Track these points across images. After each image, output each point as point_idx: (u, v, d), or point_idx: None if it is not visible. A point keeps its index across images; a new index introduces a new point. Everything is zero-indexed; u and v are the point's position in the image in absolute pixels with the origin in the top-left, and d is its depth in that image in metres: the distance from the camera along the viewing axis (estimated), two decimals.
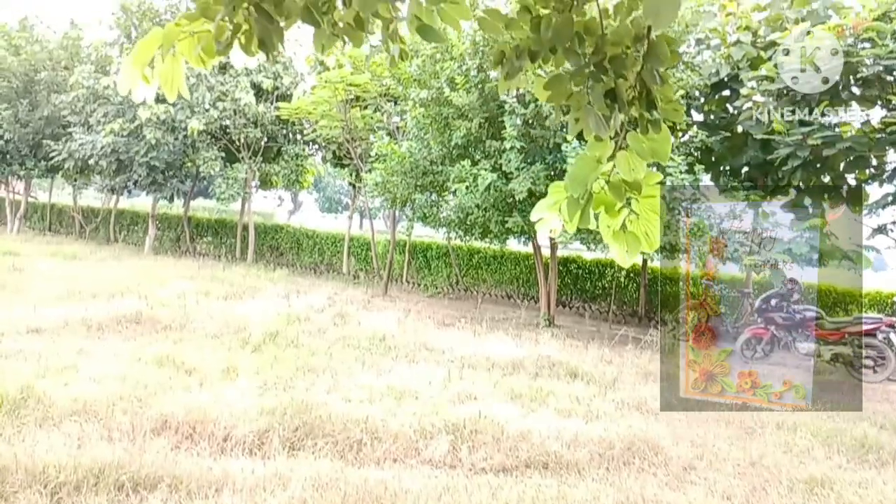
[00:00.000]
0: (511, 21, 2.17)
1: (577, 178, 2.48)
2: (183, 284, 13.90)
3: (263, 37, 2.21)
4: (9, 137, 24.09)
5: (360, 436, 5.50)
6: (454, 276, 18.32)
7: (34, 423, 5.34)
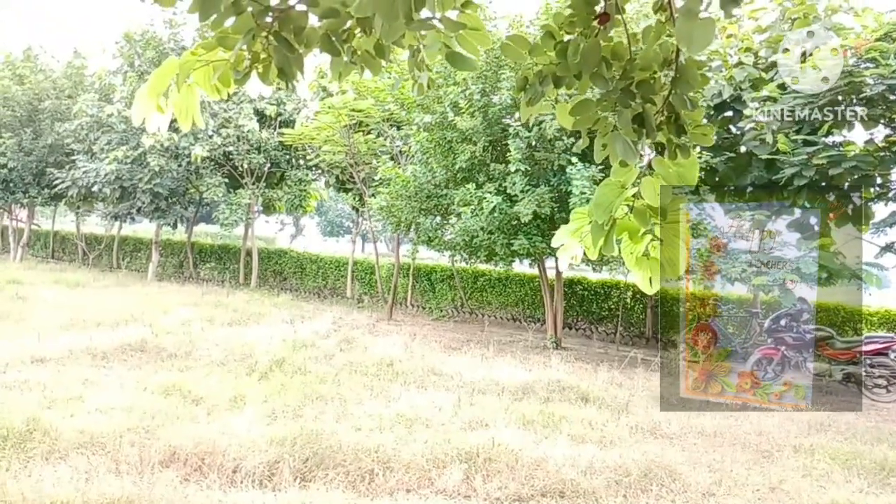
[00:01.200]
0: (535, 47, 2.14)
1: (601, 204, 2.43)
2: (187, 311, 13.83)
3: (283, 65, 2.17)
4: (13, 166, 24.18)
5: (372, 465, 5.40)
6: (459, 299, 18.23)
7: (41, 456, 5.25)
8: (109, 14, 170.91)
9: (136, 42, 21.39)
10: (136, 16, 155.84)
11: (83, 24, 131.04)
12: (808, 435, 7.86)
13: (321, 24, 2.17)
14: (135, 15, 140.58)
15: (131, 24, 21.80)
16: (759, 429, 8.00)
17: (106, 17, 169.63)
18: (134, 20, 72.25)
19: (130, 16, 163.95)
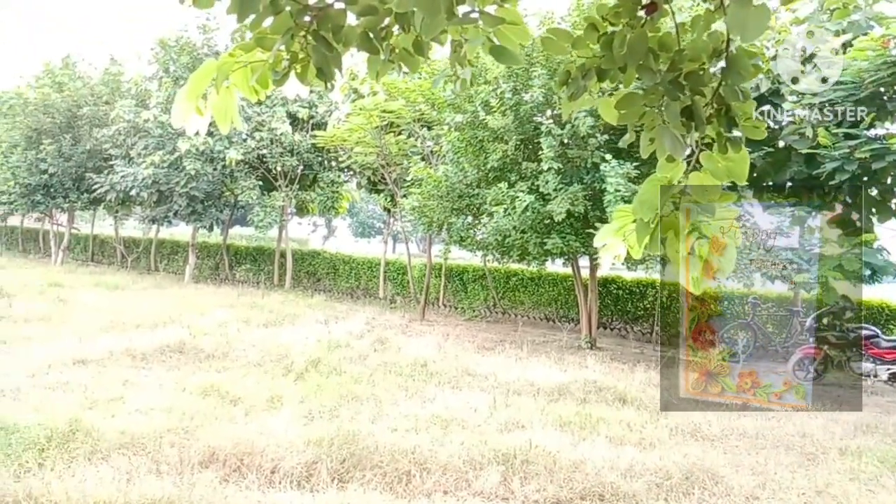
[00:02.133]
0: (577, 39, 2.08)
1: (646, 201, 2.36)
2: (223, 312, 14.01)
3: (321, 65, 2.15)
4: (53, 171, 24.83)
5: (409, 467, 5.38)
6: (491, 298, 18.16)
7: (83, 456, 5.34)
8: (110, 14, 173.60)
9: (171, 48, 21.75)
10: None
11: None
12: (855, 437, 7.62)
13: (359, 21, 2.15)
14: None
15: (151, 27, 22.19)
16: (803, 430, 7.79)
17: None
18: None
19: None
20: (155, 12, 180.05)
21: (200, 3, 2.14)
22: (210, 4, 2.18)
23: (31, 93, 24.99)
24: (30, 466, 5.06)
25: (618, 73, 2.09)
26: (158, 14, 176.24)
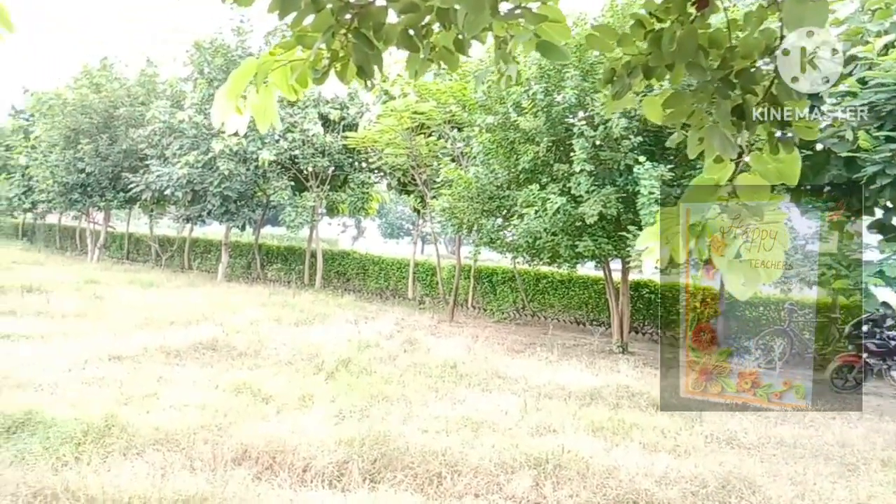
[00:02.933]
0: (624, 36, 2.03)
1: (692, 203, 2.30)
2: (255, 311, 14.15)
3: (362, 63, 2.13)
4: (90, 171, 25.39)
5: (440, 469, 5.35)
6: (521, 301, 18.06)
7: (118, 451, 5.41)
8: (109, 14, 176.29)
9: (206, 50, 22.07)
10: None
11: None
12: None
13: (400, 19, 2.13)
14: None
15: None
16: (842, 440, 7.58)
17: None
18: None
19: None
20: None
21: (241, 1, 2.14)
22: (249, 3, 2.18)
23: (69, 93, 25.59)
24: (67, 460, 5.14)
25: (664, 70, 2.03)
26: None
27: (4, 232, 42.20)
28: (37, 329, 10.73)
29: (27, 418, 5.93)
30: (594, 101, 11.27)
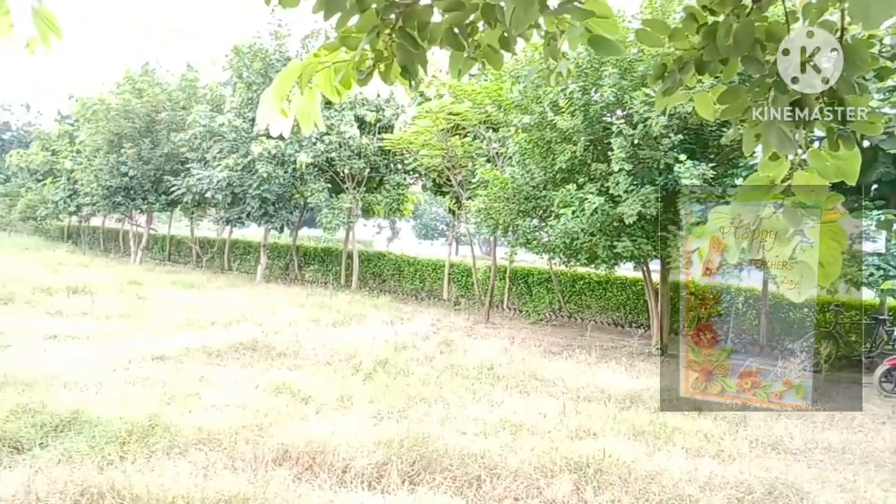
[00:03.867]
0: (675, 31, 1.97)
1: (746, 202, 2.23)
2: (293, 312, 14.30)
3: (406, 63, 2.11)
4: (133, 174, 26.00)
5: (479, 472, 5.31)
6: (557, 302, 17.90)
7: (162, 451, 5.49)
8: (107, 13, 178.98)
9: (245, 54, 22.41)
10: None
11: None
12: None
13: (444, 17, 2.10)
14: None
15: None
16: (894, 446, 7.33)
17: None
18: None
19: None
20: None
21: (286, 2, 2.14)
22: (295, 4, 2.17)
23: (112, 99, 26.24)
24: (112, 459, 5.24)
25: (718, 65, 1.97)
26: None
27: (51, 235, 43.45)
28: (82, 329, 11.00)
29: (74, 417, 6.07)
30: (633, 98, 11.11)
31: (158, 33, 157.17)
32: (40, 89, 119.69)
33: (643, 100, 10.83)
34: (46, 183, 36.25)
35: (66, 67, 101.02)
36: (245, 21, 36.30)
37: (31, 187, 39.21)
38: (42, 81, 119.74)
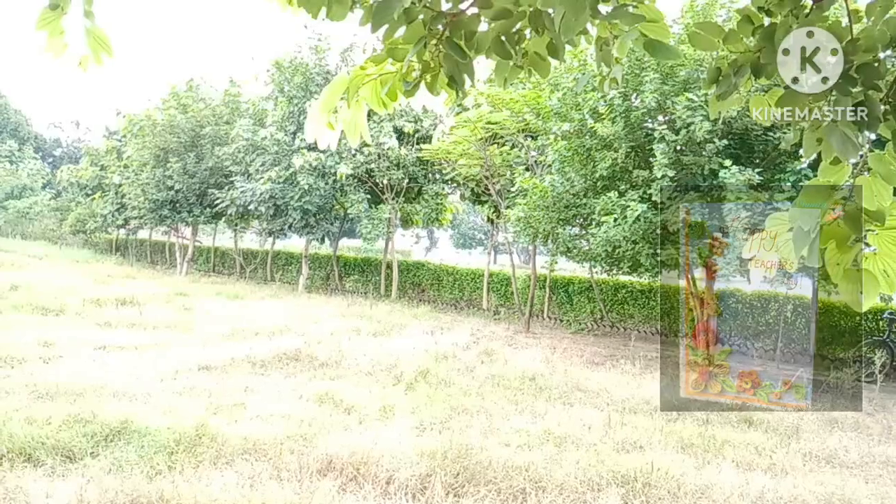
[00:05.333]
0: (730, 33, 1.92)
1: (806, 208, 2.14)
2: (335, 322, 14.42)
3: (453, 73, 2.10)
4: (179, 188, 26.63)
5: (524, 484, 5.24)
6: (598, 311, 17.67)
7: (209, 461, 5.55)
8: (153, 32, 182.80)
9: (286, 69, 22.80)
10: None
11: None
12: None
13: (491, 26, 2.09)
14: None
15: (279, 52, 23.35)
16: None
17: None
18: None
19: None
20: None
21: (334, 16, 2.15)
22: (342, 17, 2.18)
23: (158, 115, 26.97)
24: (160, 469, 5.31)
25: (776, 68, 1.91)
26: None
27: (100, 247, 44.73)
28: (130, 340, 11.26)
29: (123, 427, 6.19)
30: (675, 104, 10.94)
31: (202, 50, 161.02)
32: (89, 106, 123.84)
33: (686, 104, 10.65)
34: (95, 197, 37.39)
35: (113, 85, 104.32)
36: (286, 35, 36.99)
37: (80, 202, 40.45)
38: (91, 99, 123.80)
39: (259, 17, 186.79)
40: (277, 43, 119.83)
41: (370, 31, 2.07)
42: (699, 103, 10.55)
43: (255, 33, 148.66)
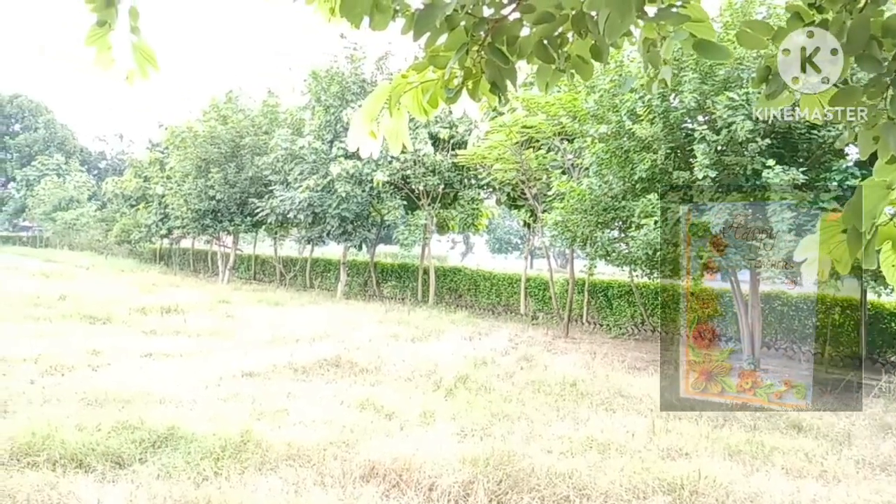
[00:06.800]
0: (780, 31, 1.87)
1: (861, 209, 2.08)
2: (373, 328, 14.50)
3: (495, 79, 2.09)
4: (220, 197, 27.17)
5: (567, 492, 5.18)
6: (639, 315, 17.41)
7: (254, 467, 5.63)
8: (150, 28, 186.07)
9: (322, 79, 23.09)
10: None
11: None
12: None
13: (534, 31, 2.07)
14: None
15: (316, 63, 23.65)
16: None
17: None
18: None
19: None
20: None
21: (376, 25, 2.16)
22: (384, 26, 2.20)
23: (199, 126, 27.56)
24: (207, 474, 5.39)
25: None
26: (341, 51, 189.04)
27: (144, 257, 45.86)
28: (175, 347, 11.49)
29: (170, 433, 6.30)
30: (715, 103, 10.74)
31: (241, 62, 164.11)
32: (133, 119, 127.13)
33: (726, 104, 10.45)
34: (139, 208, 38.38)
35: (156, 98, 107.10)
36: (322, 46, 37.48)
37: (125, 212, 41.58)
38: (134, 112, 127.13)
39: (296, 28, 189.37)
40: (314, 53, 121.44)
41: (412, 39, 2.08)
42: (740, 102, 10.35)
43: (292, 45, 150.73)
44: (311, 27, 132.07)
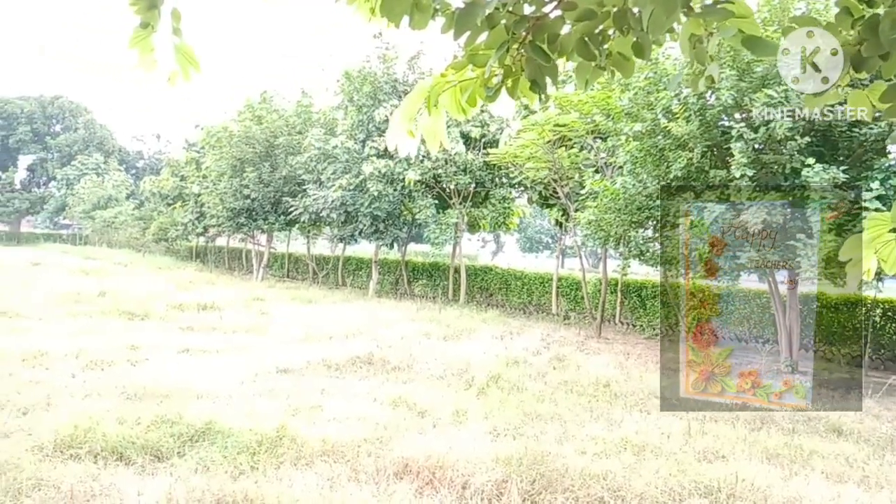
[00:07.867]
0: (829, 26, 1.84)
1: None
2: (405, 326, 14.57)
3: (535, 77, 2.09)
4: (255, 196, 27.55)
5: (602, 493, 5.14)
6: (674, 316, 17.17)
7: (289, 462, 5.70)
8: (228, 46, 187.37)
9: (355, 79, 23.24)
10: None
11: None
12: None
13: (575, 28, 2.06)
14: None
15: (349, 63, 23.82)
16: None
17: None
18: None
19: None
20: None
21: (416, 24, 2.18)
22: (424, 25, 2.21)
23: (234, 126, 27.98)
24: (243, 469, 5.48)
25: (877, 61, 1.81)
26: (373, 51, 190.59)
27: (181, 254, 46.73)
28: (212, 344, 11.69)
29: (207, 428, 6.41)
30: (753, 101, 10.54)
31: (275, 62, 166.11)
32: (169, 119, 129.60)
33: (765, 101, 10.25)
34: (176, 206, 39.11)
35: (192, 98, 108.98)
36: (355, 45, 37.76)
37: (162, 211, 42.42)
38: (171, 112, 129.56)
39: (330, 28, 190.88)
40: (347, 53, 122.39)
41: (452, 37, 2.09)
42: (779, 99, 10.14)
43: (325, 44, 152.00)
44: (345, 26, 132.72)
